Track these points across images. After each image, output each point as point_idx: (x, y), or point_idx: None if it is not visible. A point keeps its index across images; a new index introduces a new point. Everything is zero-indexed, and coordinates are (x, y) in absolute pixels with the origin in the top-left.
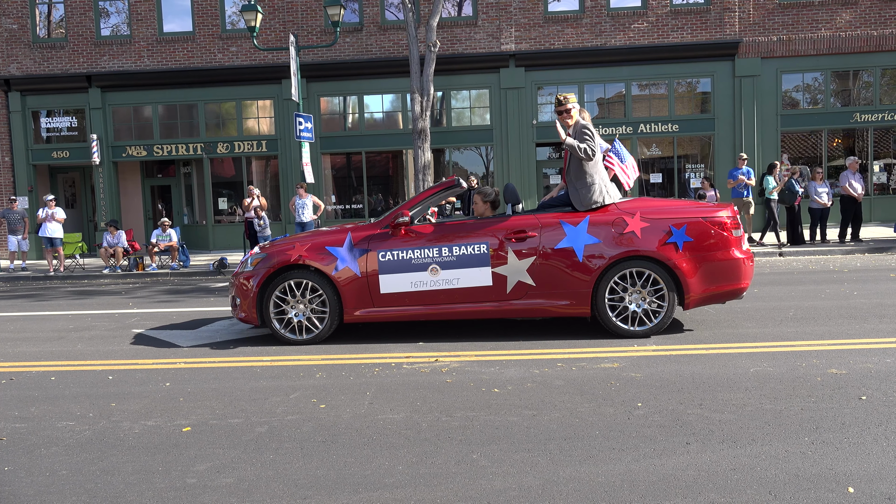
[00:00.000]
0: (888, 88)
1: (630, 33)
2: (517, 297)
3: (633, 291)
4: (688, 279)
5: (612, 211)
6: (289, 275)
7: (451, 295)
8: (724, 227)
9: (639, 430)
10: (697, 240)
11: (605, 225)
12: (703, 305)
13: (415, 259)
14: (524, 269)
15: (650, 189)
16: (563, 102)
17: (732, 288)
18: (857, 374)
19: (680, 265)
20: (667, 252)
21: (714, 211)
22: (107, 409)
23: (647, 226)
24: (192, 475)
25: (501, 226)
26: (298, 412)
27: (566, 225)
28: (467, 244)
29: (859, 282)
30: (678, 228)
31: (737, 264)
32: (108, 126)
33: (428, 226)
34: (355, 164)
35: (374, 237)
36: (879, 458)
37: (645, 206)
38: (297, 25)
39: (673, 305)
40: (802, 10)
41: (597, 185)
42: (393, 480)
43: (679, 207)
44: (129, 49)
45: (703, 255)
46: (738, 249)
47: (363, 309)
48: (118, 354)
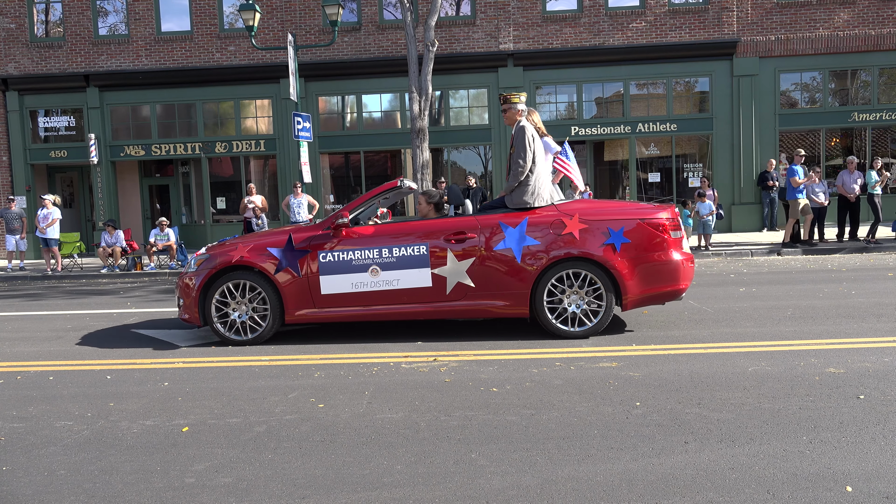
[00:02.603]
0: (886, 88)
1: (628, 33)
2: (457, 298)
3: (572, 293)
4: (625, 280)
5: (552, 212)
6: (231, 275)
7: (392, 296)
8: (662, 228)
9: (637, 430)
10: (635, 241)
11: (544, 226)
12: (642, 306)
13: (355, 260)
14: (463, 270)
15: (648, 188)
16: (506, 100)
17: (671, 289)
18: (856, 373)
19: (617, 266)
20: (604, 253)
21: (653, 212)
22: (105, 409)
23: (586, 227)
24: (191, 475)
25: (441, 227)
26: (297, 412)
27: (505, 226)
28: (407, 245)
29: (857, 281)
30: (616, 230)
31: (675, 266)
32: (106, 125)
33: (369, 227)
34: (353, 163)
35: (315, 238)
36: (877, 457)
37: (584, 207)
38: (296, 25)
39: (611, 306)
40: (800, 9)
41: (530, 186)
42: (391, 480)
43: (618, 209)
44: (127, 48)
45: (640, 257)
46: (678, 251)
47: (304, 310)
48: (116, 354)
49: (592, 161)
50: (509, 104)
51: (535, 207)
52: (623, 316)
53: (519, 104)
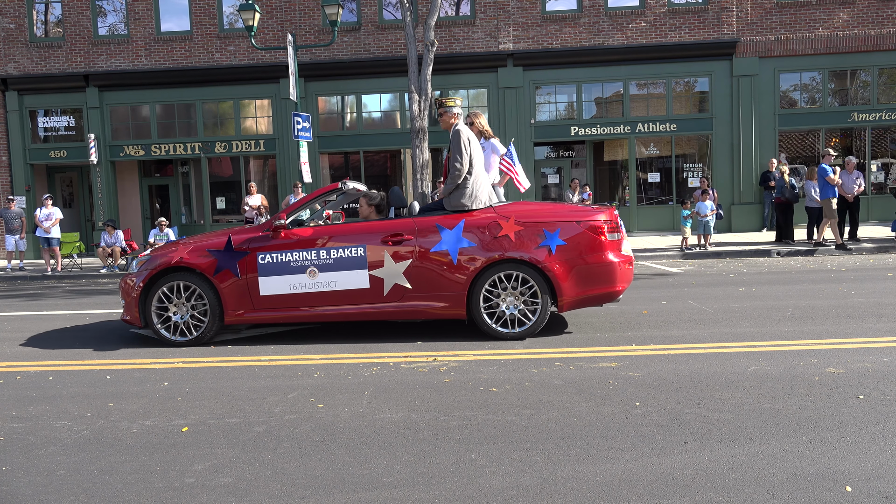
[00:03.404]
0: (886, 88)
1: (628, 33)
2: (394, 300)
3: (508, 294)
4: (561, 282)
5: (489, 214)
6: (171, 277)
7: (330, 297)
8: (599, 230)
9: (637, 430)
10: (571, 243)
11: (480, 228)
12: (579, 308)
13: (293, 262)
14: (400, 271)
15: (648, 188)
16: (441, 104)
17: (606, 291)
18: (855, 373)
19: (553, 268)
20: (540, 255)
21: (590, 215)
22: (105, 409)
23: (521, 229)
24: (191, 475)
25: (379, 229)
26: (297, 412)
27: (442, 228)
28: (345, 247)
29: (857, 281)
30: (552, 232)
31: (611, 268)
32: (105, 125)
33: (308, 229)
34: (353, 163)
35: (254, 240)
36: (877, 457)
37: (521, 209)
38: (295, 25)
39: (546, 308)
40: (800, 9)
41: (468, 189)
42: (391, 480)
43: (555, 211)
44: (126, 48)
45: (576, 259)
46: (614, 253)
47: (244, 311)
48: (116, 354)
49: (592, 161)
50: (444, 108)
51: (473, 210)
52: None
53: (454, 108)
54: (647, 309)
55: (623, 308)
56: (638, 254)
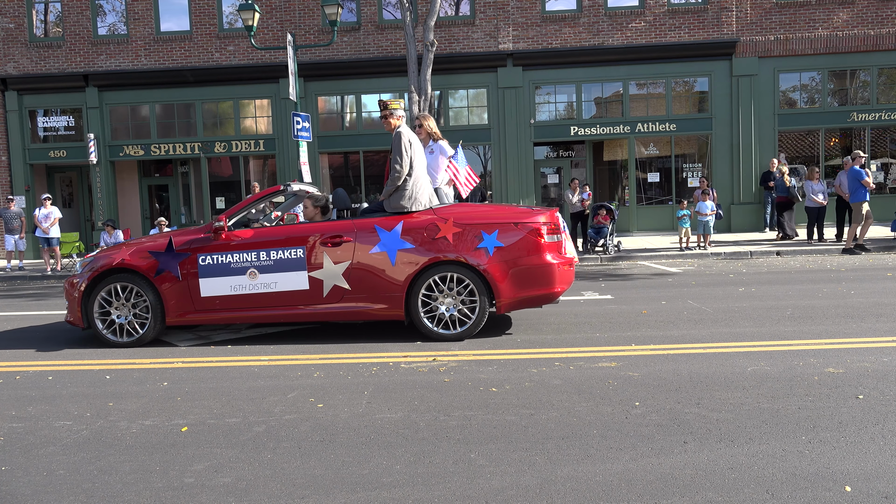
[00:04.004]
0: (885, 88)
1: (627, 32)
2: (334, 301)
3: (446, 296)
4: (498, 283)
5: (428, 216)
6: (113, 278)
7: (270, 298)
8: (537, 232)
9: (636, 430)
10: (508, 245)
11: (419, 230)
12: (517, 309)
13: (233, 263)
14: (340, 273)
15: (648, 188)
16: (385, 107)
17: (544, 292)
18: (855, 373)
19: (490, 270)
20: (477, 257)
21: (529, 216)
22: (104, 409)
23: (459, 231)
24: (190, 475)
25: (318, 230)
26: (296, 412)
27: (380, 230)
28: (285, 249)
29: (857, 281)
30: (489, 234)
31: (549, 269)
32: (105, 125)
33: (248, 231)
34: (353, 163)
35: (195, 241)
36: (877, 457)
37: (460, 211)
38: (295, 25)
39: (484, 309)
40: (799, 9)
41: (407, 190)
42: (391, 480)
43: (494, 213)
44: (126, 48)
45: (514, 260)
46: (553, 254)
47: (185, 312)
48: (115, 354)
49: (591, 161)
50: (388, 110)
51: (413, 211)
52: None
53: (398, 110)
54: (646, 309)
55: (622, 308)
56: (637, 254)
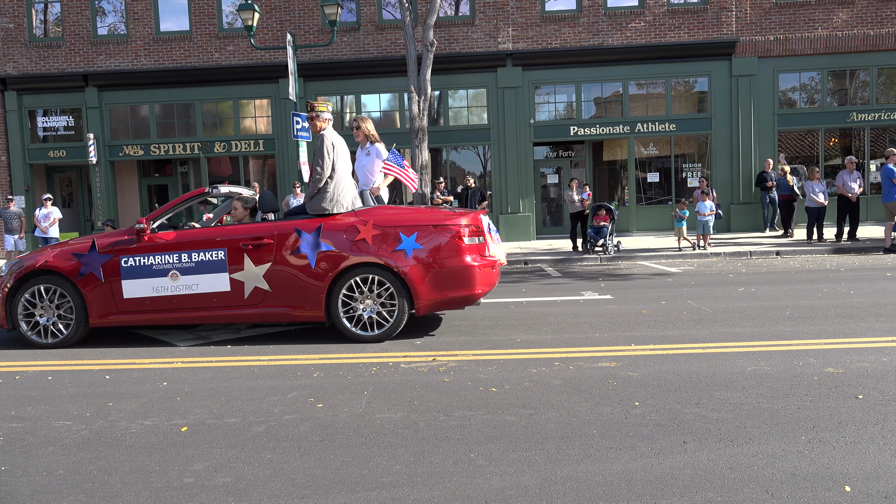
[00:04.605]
0: (885, 88)
1: (627, 33)
2: (255, 303)
3: (365, 297)
4: (417, 285)
5: (349, 218)
6: (37, 280)
7: (193, 300)
8: (457, 235)
9: (636, 430)
10: (427, 247)
11: (338, 232)
12: (437, 311)
13: (155, 265)
14: (260, 274)
15: (647, 188)
16: (312, 109)
17: (464, 294)
18: (854, 373)
19: (409, 272)
20: (396, 259)
21: (448, 219)
22: (104, 409)
23: (378, 233)
24: (190, 474)
25: (240, 232)
26: (296, 411)
27: (301, 232)
28: (206, 250)
29: (856, 281)
30: (408, 236)
31: (468, 271)
32: (104, 125)
33: (170, 232)
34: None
35: (118, 244)
36: (876, 457)
37: (380, 213)
38: (295, 25)
39: (403, 311)
40: (799, 9)
41: (328, 193)
42: (390, 480)
43: (414, 216)
44: (125, 48)
45: (433, 262)
46: (474, 257)
47: (108, 314)
48: (115, 354)
49: (591, 161)
50: (315, 113)
51: (335, 214)
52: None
53: (325, 113)
54: (646, 309)
55: (622, 308)
56: (637, 254)
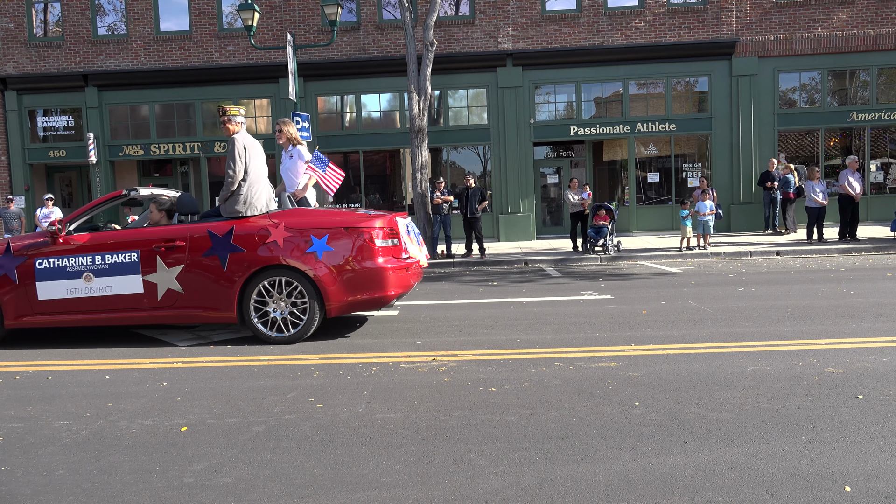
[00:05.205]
0: (885, 88)
1: (627, 32)
2: (168, 305)
3: (277, 299)
4: (327, 287)
5: (261, 221)
6: None
7: (107, 302)
8: (369, 237)
9: (636, 430)
10: (338, 249)
11: (250, 234)
12: (350, 312)
13: (70, 267)
14: (173, 276)
15: (647, 188)
16: (224, 112)
17: (375, 296)
18: (854, 373)
19: (319, 274)
20: (306, 261)
21: (361, 221)
22: (104, 409)
23: (290, 236)
24: (190, 475)
25: (153, 235)
26: (296, 411)
27: (213, 234)
28: (120, 252)
29: (856, 281)
30: (319, 238)
31: (380, 273)
32: (104, 125)
33: (85, 234)
34: (353, 163)
35: (33, 246)
36: (876, 457)
37: (292, 216)
38: (295, 24)
39: (314, 313)
40: (799, 9)
41: (241, 195)
42: (390, 480)
43: (326, 218)
44: (125, 48)
45: (343, 265)
46: (387, 259)
47: (23, 315)
48: (115, 354)
49: (591, 161)
50: (226, 116)
51: (249, 216)
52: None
53: (237, 117)
54: (646, 309)
55: (622, 308)
56: (637, 253)
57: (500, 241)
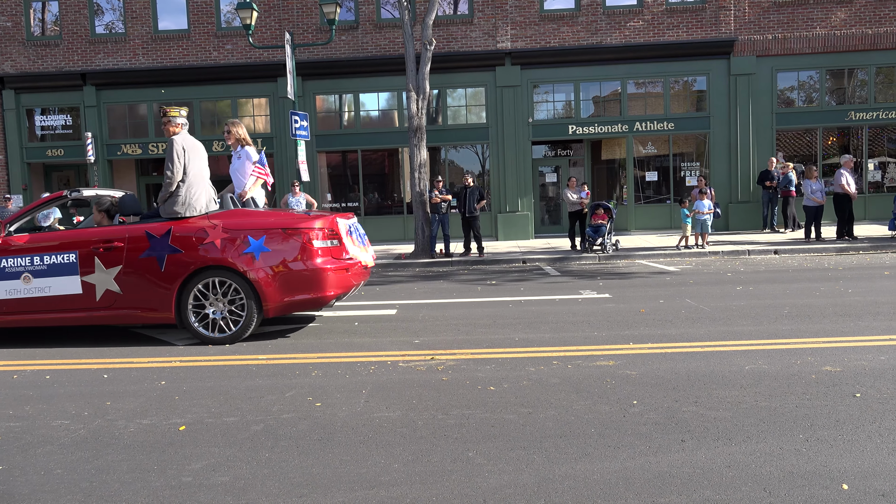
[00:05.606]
0: (883, 87)
1: (626, 31)
2: (107, 305)
3: (214, 300)
4: (264, 288)
5: (200, 222)
6: None
7: (45, 302)
8: (308, 238)
9: (634, 428)
10: (276, 250)
11: (188, 235)
12: (288, 313)
13: (8, 268)
14: (111, 277)
15: (646, 187)
16: (165, 114)
17: (315, 296)
18: (852, 371)
19: (256, 275)
20: (243, 262)
21: (301, 223)
22: (102, 408)
23: (227, 237)
24: (188, 474)
25: (92, 235)
26: (294, 410)
27: (151, 236)
28: (58, 253)
29: (854, 279)
30: (257, 239)
31: (318, 274)
32: (102, 124)
33: (24, 235)
34: (351, 162)
35: None
36: (874, 455)
37: (231, 217)
38: (293, 23)
39: (252, 313)
40: (798, 8)
41: (180, 197)
42: (389, 478)
43: (264, 219)
44: (123, 47)
45: (282, 265)
46: (326, 259)
47: None
48: (113, 353)
49: (590, 160)
50: (167, 118)
51: (188, 217)
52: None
53: (177, 118)
54: (644, 307)
55: (621, 307)
56: (635, 252)
57: (498, 240)
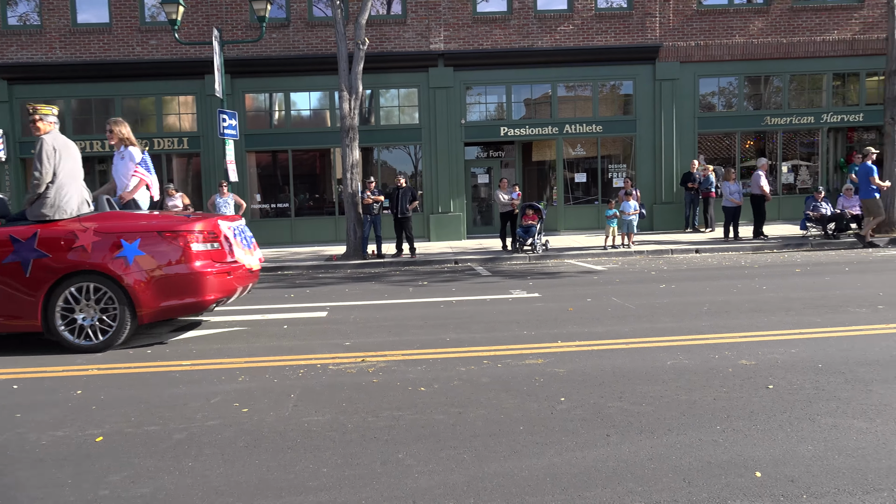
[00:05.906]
0: (796, 94)
1: (556, 35)
2: None
3: (85, 306)
4: (138, 293)
5: (70, 225)
6: None
7: None
8: (185, 241)
9: (562, 425)
10: (151, 254)
11: (56, 239)
12: (164, 318)
13: None
14: None
15: (575, 188)
16: (34, 112)
17: (192, 301)
18: (765, 364)
19: (130, 279)
20: (116, 266)
21: (178, 225)
22: (11, 421)
23: (99, 240)
24: (105, 486)
25: None
26: (219, 417)
27: (15, 239)
28: None
29: (768, 277)
30: (130, 242)
31: (196, 278)
32: (15, 121)
33: None
34: (281, 162)
35: None
36: (784, 444)
37: (103, 220)
38: (222, 20)
39: (125, 319)
40: (718, 16)
41: (49, 199)
42: (317, 483)
43: (138, 222)
44: (39, 40)
45: (157, 270)
46: (205, 263)
47: None
48: (25, 362)
49: (521, 161)
50: (37, 115)
51: (57, 220)
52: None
53: (49, 116)
54: (572, 306)
55: (550, 306)
56: (564, 252)
57: (430, 240)
